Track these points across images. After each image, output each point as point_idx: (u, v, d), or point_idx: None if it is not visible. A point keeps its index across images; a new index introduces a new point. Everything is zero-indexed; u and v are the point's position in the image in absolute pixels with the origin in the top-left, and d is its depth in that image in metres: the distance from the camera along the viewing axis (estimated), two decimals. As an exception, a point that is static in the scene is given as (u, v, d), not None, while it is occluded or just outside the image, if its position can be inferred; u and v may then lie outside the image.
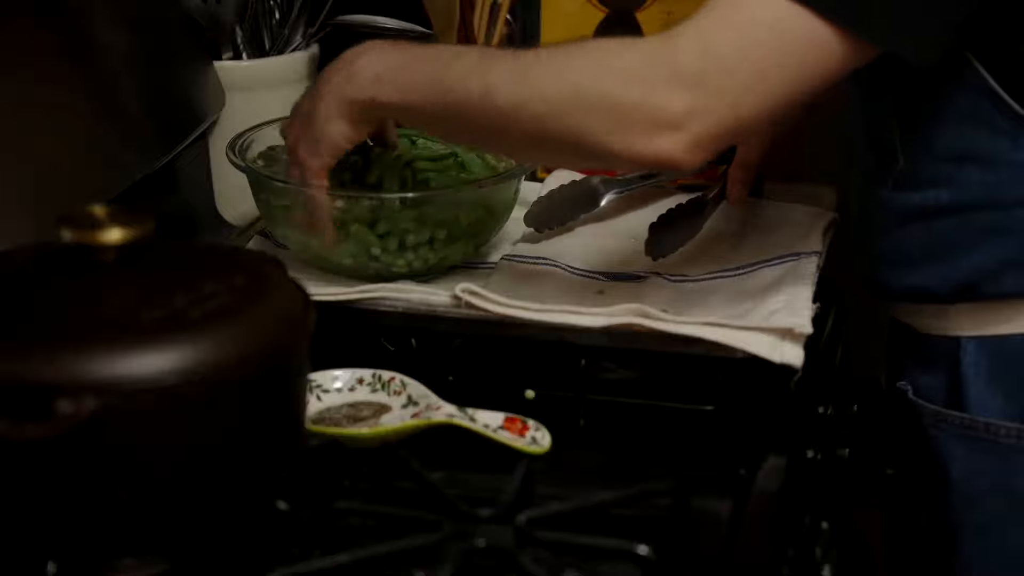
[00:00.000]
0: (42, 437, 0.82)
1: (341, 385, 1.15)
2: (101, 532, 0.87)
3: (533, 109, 1.06)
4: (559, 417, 1.13)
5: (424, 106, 1.12)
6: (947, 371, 1.22)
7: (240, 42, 1.53)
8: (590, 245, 1.35)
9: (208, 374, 0.85)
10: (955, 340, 1.21)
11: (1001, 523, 1.21)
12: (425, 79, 1.12)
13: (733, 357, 1.12)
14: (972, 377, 1.20)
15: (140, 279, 0.90)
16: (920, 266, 1.21)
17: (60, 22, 1.28)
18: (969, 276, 1.18)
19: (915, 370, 1.26)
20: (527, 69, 1.08)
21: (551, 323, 1.17)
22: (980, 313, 1.19)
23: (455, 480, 1.03)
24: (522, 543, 0.94)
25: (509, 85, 1.07)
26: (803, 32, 1.02)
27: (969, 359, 1.20)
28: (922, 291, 1.22)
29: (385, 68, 1.14)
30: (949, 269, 1.19)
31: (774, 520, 1.04)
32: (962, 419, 1.20)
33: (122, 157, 1.31)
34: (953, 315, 1.21)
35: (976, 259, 1.17)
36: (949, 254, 1.18)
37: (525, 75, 1.07)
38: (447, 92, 1.10)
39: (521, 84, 1.07)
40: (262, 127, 1.37)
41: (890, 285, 1.25)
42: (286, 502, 0.96)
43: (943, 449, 1.22)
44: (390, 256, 1.25)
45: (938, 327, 1.23)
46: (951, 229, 1.18)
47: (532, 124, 1.07)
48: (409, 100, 1.13)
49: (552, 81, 1.06)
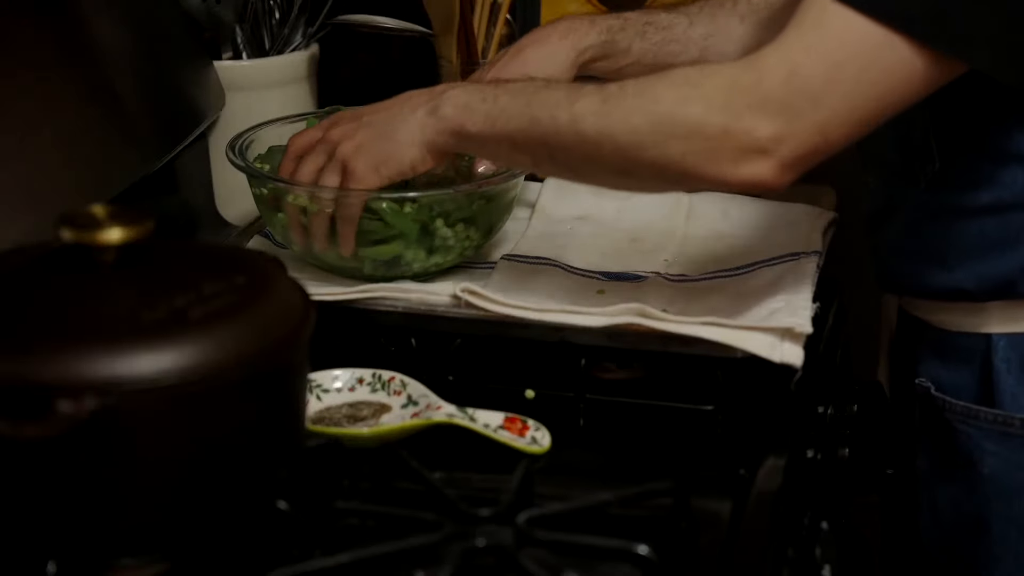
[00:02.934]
0: (42, 437, 0.82)
1: (341, 385, 1.15)
2: (101, 532, 0.87)
3: (620, 139, 1.07)
4: (559, 417, 1.13)
5: (512, 136, 1.12)
6: (978, 367, 1.22)
7: (240, 42, 1.53)
8: (590, 245, 1.35)
9: (208, 374, 0.85)
10: (986, 337, 1.21)
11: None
12: (513, 111, 1.12)
13: (733, 357, 1.12)
14: (1004, 373, 1.20)
15: (140, 279, 0.90)
16: (954, 265, 1.21)
17: (60, 22, 1.28)
18: (1006, 275, 1.18)
19: (936, 366, 1.26)
20: (613, 100, 1.08)
21: (551, 323, 1.17)
22: (1013, 310, 1.20)
23: (455, 480, 1.03)
24: (522, 543, 0.94)
25: (596, 116, 1.08)
26: (892, 54, 1.02)
27: (1000, 355, 1.21)
28: (955, 290, 1.22)
29: (472, 98, 1.15)
30: (985, 268, 1.19)
31: (774, 520, 1.04)
32: (995, 415, 1.21)
33: (122, 157, 1.31)
34: (984, 312, 1.21)
35: (1014, 258, 1.18)
36: (987, 253, 1.19)
37: (611, 106, 1.07)
38: (534, 122, 1.11)
39: (608, 116, 1.07)
40: (262, 127, 1.37)
41: (919, 284, 1.26)
42: (286, 502, 0.96)
43: (973, 445, 1.22)
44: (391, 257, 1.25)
45: (968, 324, 1.23)
46: (990, 228, 1.18)
47: (620, 154, 1.07)
48: (497, 128, 1.13)
49: (638, 111, 1.06)
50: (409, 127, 1.18)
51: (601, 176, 1.15)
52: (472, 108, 1.14)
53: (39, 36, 1.25)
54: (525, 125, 1.11)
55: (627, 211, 1.41)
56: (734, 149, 1.03)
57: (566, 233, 1.38)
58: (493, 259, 1.32)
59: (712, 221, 1.38)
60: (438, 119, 1.16)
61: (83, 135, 1.26)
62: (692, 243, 1.35)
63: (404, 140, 1.18)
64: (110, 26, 1.35)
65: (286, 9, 1.54)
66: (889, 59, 1.03)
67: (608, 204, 1.42)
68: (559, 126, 1.09)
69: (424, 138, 1.17)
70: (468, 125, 1.15)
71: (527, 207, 1.42)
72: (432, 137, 1.17)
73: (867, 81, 1.03)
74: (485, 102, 1.14)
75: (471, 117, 1.14)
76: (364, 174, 1.19)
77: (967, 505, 1.24)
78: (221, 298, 0.89)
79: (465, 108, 1.15)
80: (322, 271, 1.28)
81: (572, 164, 1.12)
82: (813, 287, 1.22)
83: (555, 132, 1.09)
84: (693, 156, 1.04)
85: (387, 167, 1.19)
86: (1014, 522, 1.22)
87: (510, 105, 1.13)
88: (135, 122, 1.35)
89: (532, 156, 1.14)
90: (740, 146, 1.03)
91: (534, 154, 1.13)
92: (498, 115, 1.13)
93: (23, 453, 0.84)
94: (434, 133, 1.16)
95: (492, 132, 1.13)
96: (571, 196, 1.43)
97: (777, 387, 1.13)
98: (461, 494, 0.99)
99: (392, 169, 1.19)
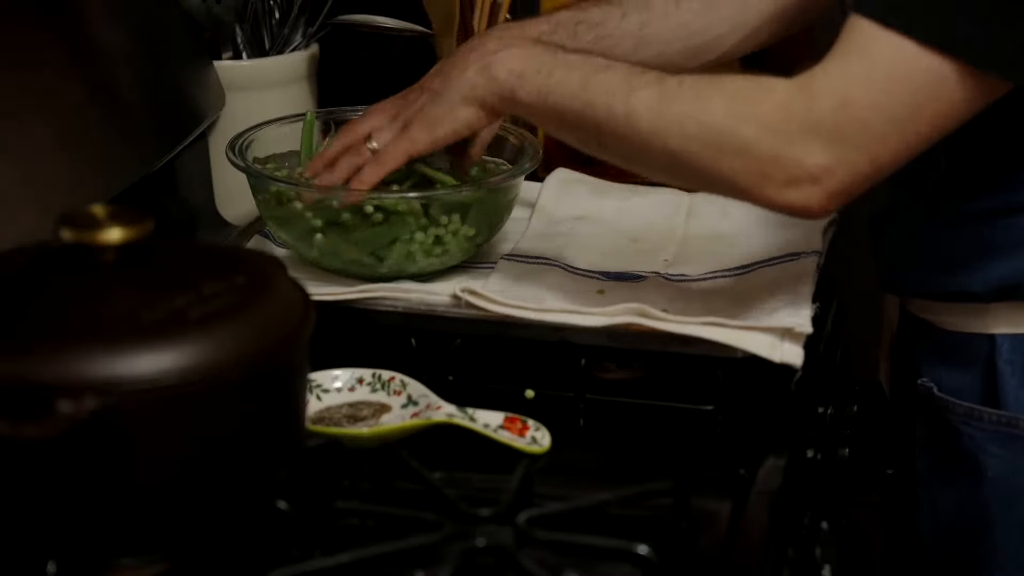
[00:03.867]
0: (42, 437, 0.82)
1: (341, 385, 1.15)
2: (101, 532, 0.87)
3: (672, 143, 1.07)
4: (559, 417, 1.13)
5: (564, 114, 1.12)
6: (981, 369, 1.22)
7: (240, 42, 1.53)
8: (590, 245, 1.35)
9: (208, 374, 0.85)
10: (990, 338, 1.21)
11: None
12: (568, 89, 1.12)
13: (733, 357, 1.12)
14: (1008, 375, 1.20)
15: (140, 279, 0.90)
16: (961, 268, 1.21)
17: (60, 22, 1.28)
18: (1013, 278, 1.18)
19: (938, 367, 1.26)
20: (670, 100, 1.07)
21: (551, 323, 1.17)
22: (1017, 311, 1.20)
23: (455, 480, 1.03)
24: (522, 543, 0.94)
25: (651, 113, 1.07)
26: (942, 79, 1.02)
27: (1005, 357, 1.21)
28: (961, 292, 1.22)
29: (527, 67, 1.15)
30: (992, 271, 1.19)
31: (774, 520, 1.04)
32: (999, 416, 1.21)
33: (122, 157, 1.31)
34: (989, 314, 1.21)
35: (1021, 261, 1.18)
36: (993, 257, 1.19)
37: (667, 106, 1.07)
38: (587, 106, 1.10)
39: (662, 117, 1.07)
40: (262, 127, 1.37)
41: (923, 286, 1.25)
42: (286, 502, 0.96)
43: (976, 447, 1.22)
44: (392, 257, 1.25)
45: (972, 325, 1.23)
46: (997, 233, 1.18)
47: (670, 155, 1.07)
48: (549, 104, 1.13)
49: (692, 119, 1.06)
50: (460, 86, 1.18)
51: (650, 170, 1.16)
52: (525, 78, 1.15)
53: (39, 36, 1.25)
54: (579, 107, 1.11)
55: (627, 211, 1.41)
56: (783, 175, 1.03)
57: (566, 233, 1.38)
58: (493, 259, 1.32)
59: (712, 221, 1.38)
60: (489, 79, 1.16)
61: (83, 135, 1.26)
62: (692, 243, 1.35)
63: (455, 99, 1.18)
64: (110, 26, 1.35)
65: (286, 9, 1.54)
66: (939, 84, 1.02)
67: (608, 204, 1.42)
68: (614, 116, 1.09)
69: (476, 95, 1.17)
70: (520, 94, 1.15)
71: (527, 207, 1.42)
72: (484, 95, 1.17)
73: (916, 107, 1.03)
74: (540, 74, 1.14)
75: (523, 86, 1.14)
76: (418, 134, 1.20)
77: (969, 507, 1.24)
78: (221, 298, 0.89)
79: (519, 77, 1.15)
80: (322, 271, 1.28)
81: (623, 153, 1.12)
82: (813, 287, 1.22)
83: (609, 121, 1.09)
84: (743, 176, 1.05)
85: (442, 126, 1.19)
86: (1016, 525, 1.22)
87: (564, 82, 1.12)
88: (135, 122, 1.35)
89: (581, 137, 1.14)
90: (789, 173, 1.03)
91: (583, 135, 1.13)
92: (551, 90, 1.13)
93: (23, 453, 0.84)
94: (486, 92, 1.17)
95: (543, 106, 1.13)
96: (571, 196, 1.43)
97: (777, 387, 1.13)
98: (461, 494, 0.99)
99: (447, 127, 1.19)
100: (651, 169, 1.14)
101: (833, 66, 1.04)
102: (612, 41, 1.32)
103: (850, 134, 1.02)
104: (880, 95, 1.02)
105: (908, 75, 1.02)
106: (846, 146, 1.03)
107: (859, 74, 1.03)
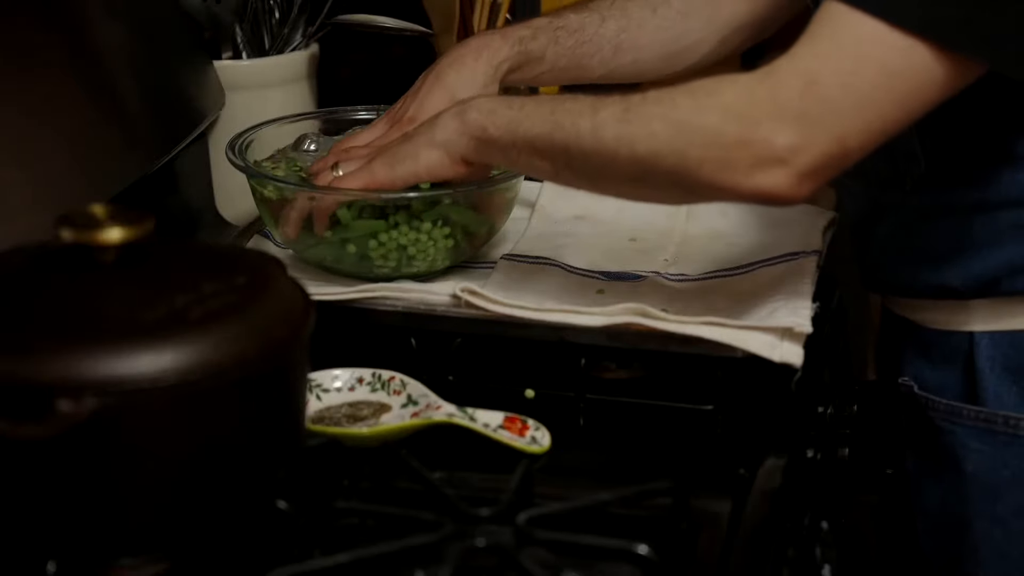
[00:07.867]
0: (42, 437, 0.82)
1: (341, 384, 1.15)
2: (101, 532, 0.87)
3: (639, 146, 1.06)
4: (559, 417, 1.13)
5: (534, 141, 1.12)
6: (961, 366, 1.23)
7: (240, 42, 1.53)
8: (590, 245, 1.35)
9: (208, 374, 0.85)
10: (969, 335, 1.22)
11: (1021, 515, 1.21)
12: (538, 117, 1.13)
13: (733, 356, 1.12)
14: (987, 372, 1.21)
15: (140, 279, 0.90)
16: (940, 264, 1.21)
17: (60, 22, 1.28)
18: (993, 272, 1.19)
19: (920, 365, 1.27)
20: (635, 108, 1.08)
21: (551, 323, 1.17)
22: (996, 308, 1.20)
23: (455, 480, 1.03)
24: (522, 543, 0.94)
25: (617, 122, 1.08)
26: (912, 60, 1.01)
27: (984, 354, 1.21)
28: (940, 288, 1.22)
29: (499, 104, 1.16)
30: (972, 266, 1.19)
31: (774, 520, 1.04)
32: (979, 413, 1.21)
33: (122, 157, 1.31)
34: (968, 311, 1.22)
35: (1001, 255, 1.18)
36: (973, 252, 1.19)
37: (632, 113, 1.07)
38: (557, 127, 1.11)
39: (628, 123, 1.07)
40: (262, 127, 1.37)
41: (905, 283, 1.26)
42: (286, 502, 0.96)
43: (957, 443, 1.23)
44: (391, 258, 1.25)
45: (951, 322, 1.23)
46: (977, 227, 1.18)
47: (636, 162, 1.07)
48: (519, 134, 1.13)
49: (657, 117, 1.06)
50: (431, 129, 1.18)
51: (616, 185, 1.14)
52: (497, 112, 1.15)
53: (40, 36, 1.25)
54: (548, 130, 1.11)
55: (627, 211, 1.41)
56: (751, 158, 1.02)
57: (566, 233, 1.38)
58: (493, 259, 1.32)
59: (712, 221, 1.38)
60: (462, 122, 1.16)
61: (83, 135, 1.26)
62: (692, 243, 1.35)
63: (423, 141, 1.18)
64: (110, 26, 1.35)
65: (286, 9, 1.55)
66: (909, 65, 1.01)
67: (608, 204, 1.42)
68: (580, 132, 1.09)
69: (444, 138, 1.17)
70: (490, 128, 1.15)
71: (527, 207, 1.42)
72: (452, 138, 1.17)
73: (885, 88, 1.02)
74: (511, 108, 1.15)
75: (495, 120, 1.15)
76: (378, 169, 1.20)
77: (953, 504, 1.25)
78: (221, 298, 0.89)
79: (491, 112, 1.15)
80: (322, 271, 1.28)
81: (589, 171, 1.12)
82: (813, 287, 1.22)
83: (576, 138, 1.09)
84: (710, 165, 1.04)
85: (403, 165, 1.19)
86: (998, 520, 1.22)
87: (535, 111, 1.13)
88: (135, 122, 1.35)
89: (552, 162, 1.13)
90: (757, 156, 1.02)
91: (554, 160, 1.13)
92: (522, 120, 1.13)
93: (23, 453, 0.84)
94: (455, 134, 1.17)
95: (513, 137, 1.13)
96: (571, 196, 1.43)
97: (777, 387, 1.13)
98: (461, 494, 0.99)
99: (408, 168, 1.19)
100: (619, 182, 1.12)
101: (800, 49, 1.03)
102: (591, 47, 1.33)
103: (818, 114, 1.01)
104: (848, 75, 1.02)
105: (877, 54, 1.01)
106: (814, 126, 1.02)
107: (827, 53, 1.02)
